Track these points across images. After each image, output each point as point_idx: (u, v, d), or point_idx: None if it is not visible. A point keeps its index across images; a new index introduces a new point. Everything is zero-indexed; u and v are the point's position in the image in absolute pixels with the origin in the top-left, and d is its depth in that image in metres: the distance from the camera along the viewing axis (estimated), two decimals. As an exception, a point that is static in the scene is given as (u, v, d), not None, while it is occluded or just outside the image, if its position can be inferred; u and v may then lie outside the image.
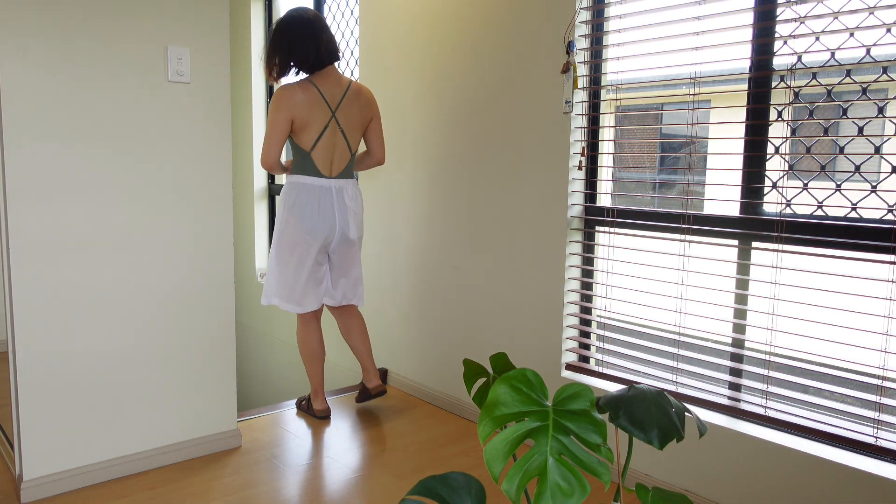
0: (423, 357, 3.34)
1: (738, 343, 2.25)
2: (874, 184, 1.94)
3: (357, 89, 2.87)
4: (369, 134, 2.96)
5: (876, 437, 1.94)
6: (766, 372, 2.16)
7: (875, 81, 1.90)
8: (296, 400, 3.23)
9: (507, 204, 2.85)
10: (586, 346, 2.70)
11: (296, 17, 2.82)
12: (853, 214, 1.98)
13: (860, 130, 1.95)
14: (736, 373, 2.27)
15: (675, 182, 2.43)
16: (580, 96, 2.58)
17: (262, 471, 2.56)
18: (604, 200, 2.63)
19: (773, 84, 2.11)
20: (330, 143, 2.81)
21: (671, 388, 2.39)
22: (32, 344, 2.26)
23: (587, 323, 2.69)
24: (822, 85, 2.00)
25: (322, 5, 4.14)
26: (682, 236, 2.34)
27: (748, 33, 2.14)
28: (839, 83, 1.96)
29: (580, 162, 2.58)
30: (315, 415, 3.07)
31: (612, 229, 2.54)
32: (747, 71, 2.15)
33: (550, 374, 2.73)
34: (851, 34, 1.92)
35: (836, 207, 2.01)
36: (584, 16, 2.54)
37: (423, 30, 3.17)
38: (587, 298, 2.68)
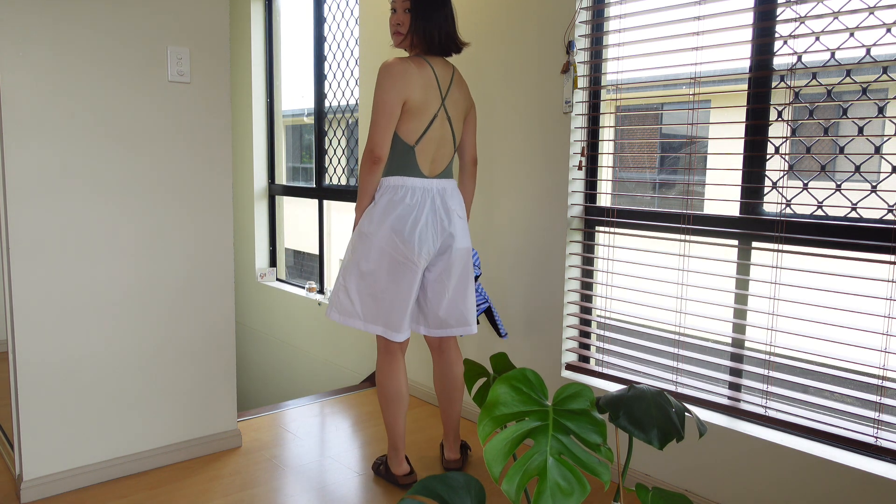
0: (423, 357, 3.34)
1: (738, 343, 2.25)
2: (874, 184, 1.93)
3: (460, 74, 2.43)
4: (467, 127, 2.47)
5: (876, 437, 1.94)
6: (766, 372, 2.16)
7: (875, 81, 1.90)
8: (372, 463, 2.60)
9: (507, 204, 2.85)
10: (586, 346, 2.70)
11: None
12: (853, 214, 1.98)
13: (860, 130, 1.95)
14: (736, 373, 2.27)
15: (675, 182, 2.43)
16: (580, 96, 2.58)
17: (262, 471, 2.56)
18: (604, 200, 2.63)
19: (773, 84, 2.11)
20: (436, 137, 2.33)
21: (671, 388, 2.39)
22: (32, 344, 2.26)
23: (587, 323, 2.69)
24: (822, 85, 2.00)
25: (322, 5, 4.15)
26: (682, 236, 2.34)
27: (748, 33, 2.14)
28: (839, 83, 1.96)
29: (580, 162, 2.58)
30: (397, 482, 2.45)
31: (612, 229, 2.54)
32: (747, 71, 2.15)
33: (550, 374, 2.73)
34: (851, 34, 1.92)
35: (836, 207, 2.01)
36: (584, 16, 2.54)
37: (423, 30, 3.16)
38: (587, 298, 2.68)
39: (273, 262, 4.83)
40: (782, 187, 2.11)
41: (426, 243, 2.28)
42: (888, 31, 1.86)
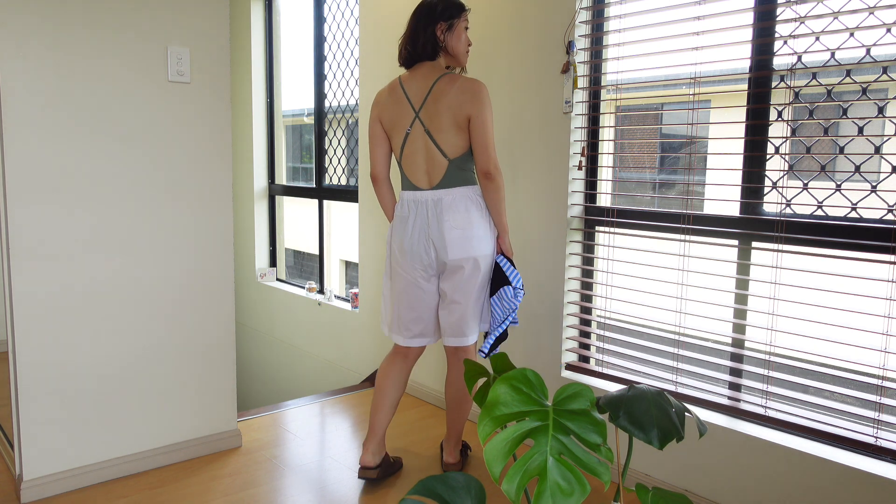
0: (423, 357, 3.34)
1: (738, 343, 2.25)
2: (874, 184, 1.93)
3: (448, 81, 2.30)
4: (470, 137, 2.30)
5: (876, 437, 1.94)
6: (766, 372, 2.16)
7: (875, 81, 1.90)
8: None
9: (507, 204, 2.85)
10: (586, 346, 2.70)
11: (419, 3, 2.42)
12: (853, 214, 1.98)
13: (860, 130, 1.95)
14: (736, 373, 2.27)
15: (675, 182, 2.43)
16: (580, 96, 2.58)
17: (262, 471, 2.56)
18: (604, 200, 2.63)
19: (773, 84, 2.11)
20: (418, 150, 2.35)
21: (671, 388, 2.39)
22: (32, 344, 2.26)
23: (587, 323, 2.69)
24: (822, 85, 2.00)
25: (322, 5, 4.15)
26: (682, 236, 2.34)
27: (748, 33, 2.14)
28: (839, 83, 1.96)
29: (580, 162, 2.58)
30: (360, 465, 2.50)
31: (612, 229, 2.54)
32: (747, 71, 2.15)
33: (550, 374, 2.73)
34: (851, 34, 1.92)
35: (836, 207, 2.01)
36: (584, 16, 2.54)
37: (423, 30, 3.16)
38: (587, 298, 2.68)
39: (273, 262, 4.83)
40: (782, 187, 2.11)
41: (416, 254, 2.37)
42: (888, 31, 1.86)
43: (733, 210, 2.23)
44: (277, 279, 4.79)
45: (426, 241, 2.35)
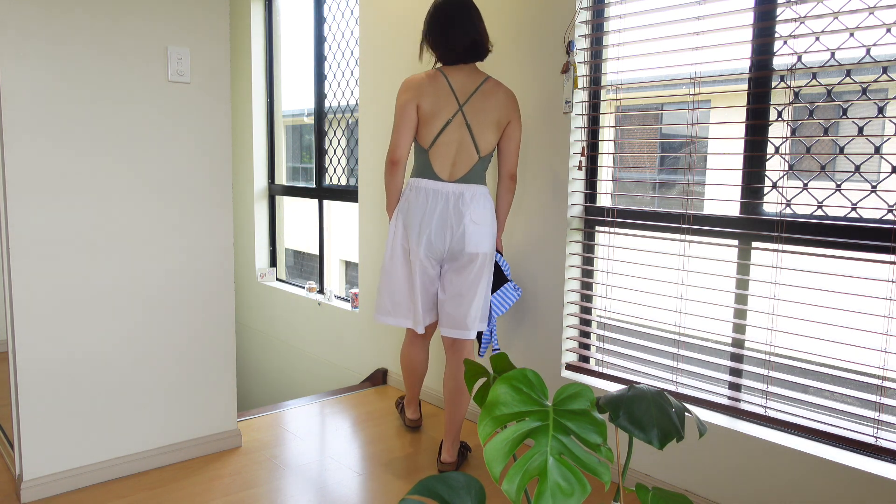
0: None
1: (738, 343, 2.25)
2: (874, 184, 1.94)
3: (496, 84, 2.45)
4: (504, 140, 2.48)
5: (876, 437, 1.94)
6: (766, 372, 2.16)
7: (875, 81, 1.90)
8: (395, 400, 3.26)
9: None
10: (586, 346, 2.70)
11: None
12: (853, 214, 1.98)
13: (860, 130, 1.95)
14: (736, 373, 2.27)
15: (675, 182, 2.43)
16: (580, 96, 2.58)
17: (262, 471, 2.56)
18: (604, 200, 2.63)
19: (773, 84, 2.11)
20: (453, 141, 2.42)
21: (671, 388, 2.39)
22: (32, 344, 2.26)
23: (587, 323, 2.69)
24: (822, 85, 2.00)
25: (322, 5, 4.14)
26: (682, 236, 2.34)
27: (748, 33, 2.14)
28: (839, 83, 1.96)
29: (580, 162, 2.58)
30: (406, 423, 3.00)
31: (612, 229, 2.54)
32: (747, 71, 2.15)
33: (550, 374, 2.73)
34: (851, 34, 1.92)
35: (836, 207, 2.01)
36: (584, 16, 2.53)
37: (423, 30, 3.16)
38: (587, 298, 2.68)
39: (273, 262, 4.83)
40: (782, 187, 2.11)
41: (432, 243, 2.43)
42: (888, 31, 1.86)
43: (733, 210, 2.23)
44: (277, 279, 4.79)
45: (444, 232, 2.42)
